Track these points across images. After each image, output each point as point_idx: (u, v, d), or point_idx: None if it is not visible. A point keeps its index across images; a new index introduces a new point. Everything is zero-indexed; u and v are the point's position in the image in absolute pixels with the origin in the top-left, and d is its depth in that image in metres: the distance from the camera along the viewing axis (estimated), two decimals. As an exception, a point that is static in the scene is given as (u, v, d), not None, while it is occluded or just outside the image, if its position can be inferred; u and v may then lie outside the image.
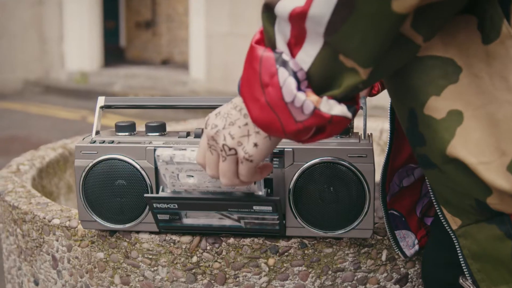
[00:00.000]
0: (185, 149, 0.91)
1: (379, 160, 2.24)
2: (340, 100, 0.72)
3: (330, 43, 0.68)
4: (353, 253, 1.03)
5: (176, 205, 0.97)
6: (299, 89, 0.71)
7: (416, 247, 1.02)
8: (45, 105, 8.79)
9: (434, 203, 0.82)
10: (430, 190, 0.82)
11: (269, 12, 0.72)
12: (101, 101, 1.13)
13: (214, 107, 1.13)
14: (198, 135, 1.06)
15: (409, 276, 1.06)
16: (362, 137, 1.03)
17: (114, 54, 12.42)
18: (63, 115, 7.88)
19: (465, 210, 0.76)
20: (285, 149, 0.99)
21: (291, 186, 0.99)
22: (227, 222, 1.00)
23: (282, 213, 0.98)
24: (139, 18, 12.93)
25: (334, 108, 0.71)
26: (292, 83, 0.71)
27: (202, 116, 7.57)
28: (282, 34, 0.72)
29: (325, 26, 0.67)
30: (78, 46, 10.56)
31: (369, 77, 0.69)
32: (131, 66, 11.15)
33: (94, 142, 1.05)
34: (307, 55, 0.70)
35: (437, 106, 0.71)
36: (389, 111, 0.94)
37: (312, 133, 0.74)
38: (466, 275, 0.79)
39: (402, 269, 1.06)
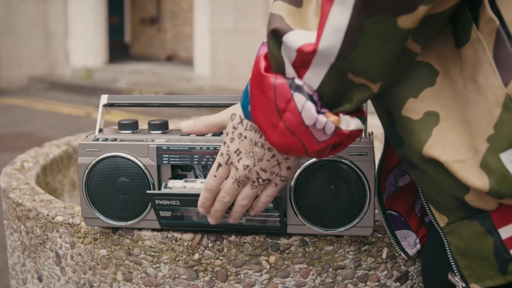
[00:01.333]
0: (195, 181, 1.00)
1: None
2: (350, 112, 0.75)
3: (339, 66, 0.70)
4: (354, 251, 1.04)
5: (178, 201, 0.98)
6: (317, 111, 0.73)
7: (418, 246, 1.02)
8: (50, 101, 8.83)
9: (424, 202, 0.84)
10: (419, 189, 0.84)
11: (276, 38, 0.73)
12: (104, 99, 1.14)
13: (216, 106, 1.14)
14: (200, 133, 1.06)
15: (410, 274, 1.07)
16: (363, 135, 1.04)
17: (119, 50, 12.46)
18: (68, 111, 7.91)
19: (450, 208, 0.78)
20: (286, 147, 0.99)
21: (292, 184, 0.99)
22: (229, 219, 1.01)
23: (283, 210, 0.99)
24: (144, 14, 12.95)
25: (351, 124, 0.75)
26: (311, 107, 0.73)
27: (206, 113, 7.58)
28: (287, 57, 0.73)
29: (336, 56, 0.69)
30: (83, 42, 10.59)
31: (379, 90, 0.71)
32: (136, 62, 11.18)
33: (97, 139, 1.06)
34: (315, 75, 0.72)
35: (415, 108, 0.73)
36: None
37: (330, 149, 0.77)
38: (455, 271, 0.81)
39: (402, 267, 1.06)
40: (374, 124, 2.23)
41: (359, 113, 0.76)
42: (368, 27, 0.65)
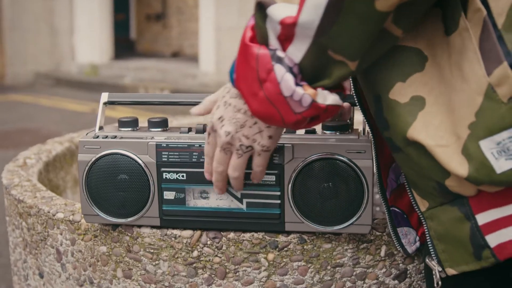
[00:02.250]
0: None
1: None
2: (329, 88, 0.78)
3: (319, 42, 0.73)
4: (352, 249, 1.04)
5: (184, 174, 1.02)
6: (296, 83, 0.77)
7: (418, 243, 1.03)
8: (56, 98, 8.85)
9: (406, 187, 0.87)
10: (402, 174, 0.86)
11: (261, 11, 0.77)
12: (104, 97, 1.14)
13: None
14: (199, 131, 1.07)
15: (408, 272, 1.07)
16: (362, 133, 1.04)
17: (124, 46, 12.47)
18: (73, 108, 7.93)
19: (430, 193, 0.80)
20: (285, 145, 0.99)
21: (290, 181, 1.00)
22: (230, 203, 1.02)
23: (283, 201, 1.00)
24: (149, 10, 12.96)
25: (328, 98, 0.78)
26: (290, 79, 0.77)
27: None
28: (273, 30, 0.77)
29: (315, 30, 0.72)
30: (89, 38, 10.61)
31: (356, 68, 0.75)
32: (141, 59, 11.19)
33: (97, 137, 1.07)
34: (298, 49, 0.76)
35: (402, 92, 0.76)
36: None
37: (307, 121, 0.81)
38: (432, 255, 0.84)
39: (401, 264, 1.06)
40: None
41: (338, 90, 0.80)
42: (347, 6, 0.68)
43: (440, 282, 0.84)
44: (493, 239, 0.74)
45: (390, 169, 1.03)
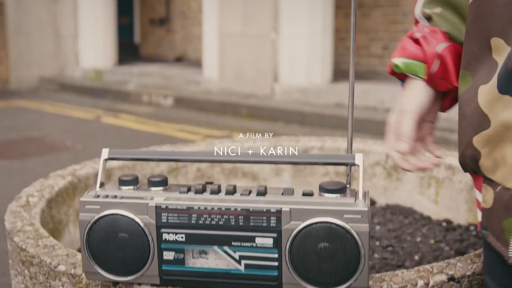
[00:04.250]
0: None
1: (386, 183, 2.24)
2: None
3: None
4: (349, 309, 1.05)
5: (183, 236, 1.03)
6: None
7: None
8: (60, 104, 8.89)
9: None
10: None
11: None
12: (105, 153, 1.16)
13: (213, 161, 1.15)
14: (198, 191, 1.08)
15: (404, 330, 1.08)
16: (360, 195, 1.05)
17: (128, 50, 12.49)
18: (77, 115, 7.96)
19: None
20: (283, 209, 1.01)
21: (288, 243, 1.01)
22: (228, 264, 1.04)
23: (280, 262, 1.01)
24: (153, 14, 12.98)
25: None
26: None
27: (214, 116, 7.62)
28: None
29: None
30: (93, 43, 10.63)
31: None
32: (145, 64, 11.21)
33: (98, 196, 1.09)
34: None
35: None
36: None
37: None
38: None
39: (397, 323, 1.08)
40: (378, 150, 2.24)
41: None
42: None
43: None
44: None
45: None
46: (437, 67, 1.09)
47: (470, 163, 0.97)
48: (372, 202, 2.20)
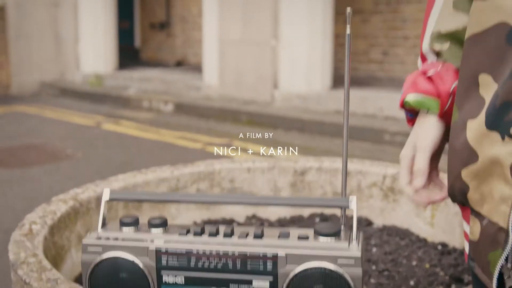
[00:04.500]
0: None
1: (383, 205, 2.27)
2: None
3: None
4: None
5: (182, 278, 1.06)
6: None
7: None
8: (60, 109, 8.92)
9: None
10: None
11: None
12: (106, 195, 1.19)
13: (212, 202, 1.19)
14: (197, 233, 1.11)
15: None
16: (353, 238, 1.08)
17: (129, 54, 12.52)
18: (78, 121, 7.99)
19: None
20: (279, 254, 1.05)
21: (284, 286, 1.05)
22: None
23: None
24: (153, 19, 13.01)
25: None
26: None
27: (214, 123, 7.65)
28: None
29: None
30: (93, 47, 10.66)
31: None
32: (145, 68, 11.24)
33: (100, 238, 1.12)
34: None
35: None
36: None
37: None
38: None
39: None
40: (375, 171, 2.28)
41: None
42: None
43: None
44: None
45: None
46: (450, 103, 1.12)
47: (459, 196, 1.01)
48: (369, 223, 2.23)
